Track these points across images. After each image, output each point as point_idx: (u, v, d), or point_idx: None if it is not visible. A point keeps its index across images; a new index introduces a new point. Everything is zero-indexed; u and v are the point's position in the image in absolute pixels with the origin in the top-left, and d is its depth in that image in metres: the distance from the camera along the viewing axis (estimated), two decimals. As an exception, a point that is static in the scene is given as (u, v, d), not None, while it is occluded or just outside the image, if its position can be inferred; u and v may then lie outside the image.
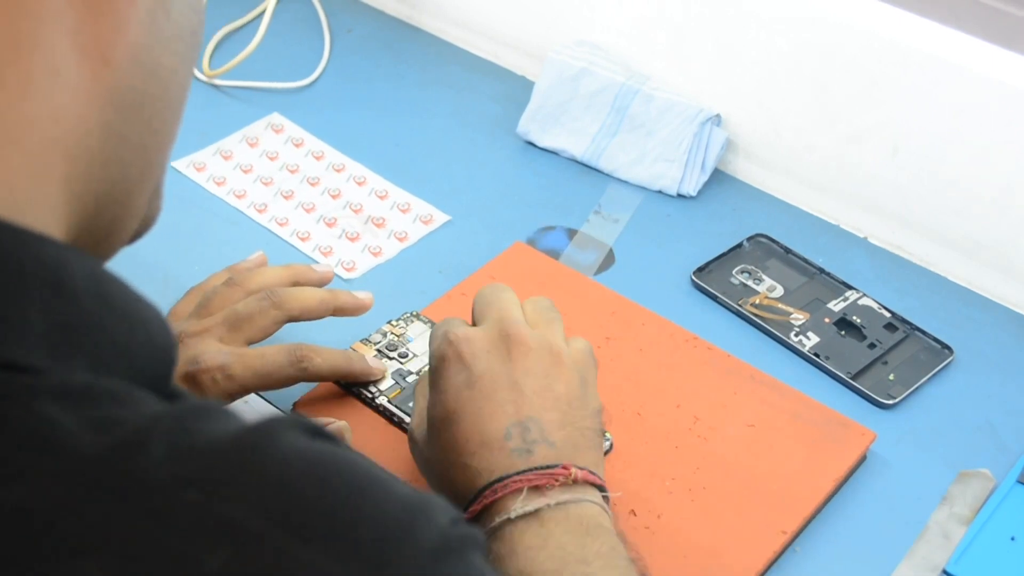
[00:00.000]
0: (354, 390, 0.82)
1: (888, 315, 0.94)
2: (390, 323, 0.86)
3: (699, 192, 1.05)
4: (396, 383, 0.82)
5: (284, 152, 1.06)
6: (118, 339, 0.39)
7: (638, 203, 1.04)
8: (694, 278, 0.96)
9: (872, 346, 0.91)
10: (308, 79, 1.14)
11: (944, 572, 0.76)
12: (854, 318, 0.93)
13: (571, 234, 1.00)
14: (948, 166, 0.97)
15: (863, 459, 0.83)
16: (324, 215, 1.00)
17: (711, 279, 0.96)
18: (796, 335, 0.91)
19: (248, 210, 1.00)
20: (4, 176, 0.38)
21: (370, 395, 0.81)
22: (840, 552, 0.78)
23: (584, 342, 0.71)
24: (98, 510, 0.33)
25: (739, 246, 0.99)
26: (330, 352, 0.79)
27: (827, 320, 0.93)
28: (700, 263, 0.97)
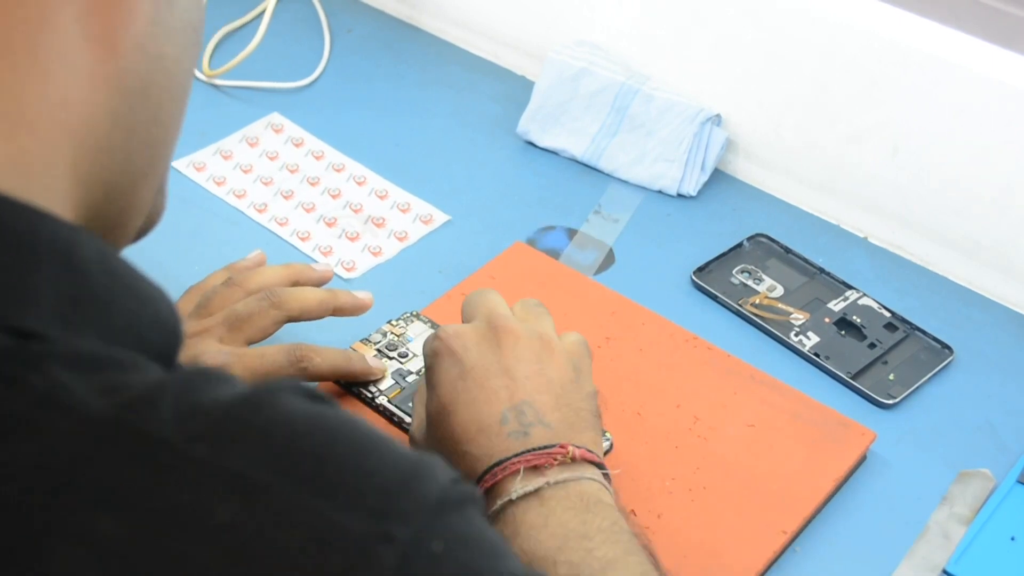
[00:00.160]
0: (354, 390, 0.82)
1: (888, 315, 0.94)
2: (390, 323, 0.86)
3: (699, 192, 1.05)
4: (396, 383, 0.82)
5: (284, 152, 1.06)
6: (126, 314, 0.40)
7: (638, 203, 1.04)
8: (694, 278, 0.96)
9: (872, 346, 0.91)
10: (308, 79, 1.14)
11: (944, 572, 0.76)
12: (854, 318, 0.93)
13: (571, 234, 1.00)
14: (948, 166, 0.97)
15: (863, 459, 0.83)
16: (324, 215, 1.00)
17: (711, 279, 0.96)
18: (796, 335, 0.91)
19: (248, 210, 1.00)
20: (19, 159, 0.39)
21: (370, 395, 0.81)
22: (840, 552, 0.78)
23: (577, 335, 0.72)
24: (110, 466, 0.35)
25: (739, 246, 0.99)
26: (330, 352, 0.79)
27: (827, 320, 0.93)
28: (700, 263, 0.97)
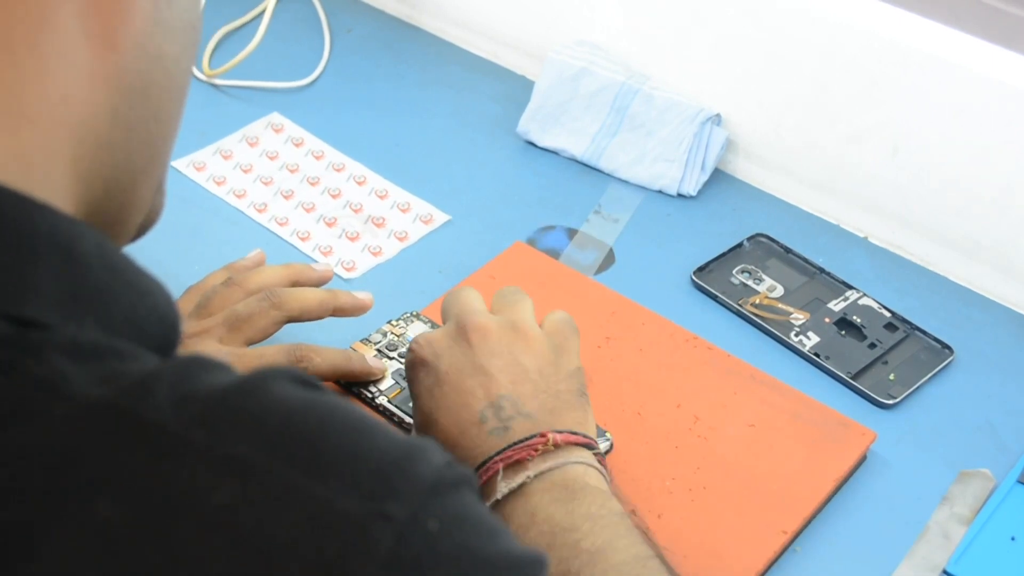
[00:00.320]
0: (354, 390, 0.82)
1: (888, 315, 0.94)
2: (390, 323, 0.86)
3: (699, 192, 1.05)
4: (396, 383, 0.82)
5: (284, 152, 1.06)
6: (126, 305, 0.41)
7: (638, 203, 1.04)
8: (694, 278, 0.96)
9: (872, 346, 0.91)
10: (308, 79, 1.14)
11: (944, 572, 0.76)
12: (854, 318, 0.93)
13: (571, 234, 1.00)
14: (948, 166, 0.96)
15: (863, 459, 0.83)
16: (324, 215, 1.00)
17: (711, 279, 0.96)
18: (796, 335, 0.91)
19: (248, 210, 1.00)
20: (20, 153, 0.39)
21: (370, 395, 0.81)
22: (840, 552, 0.78)
23: (562, 313, 0.72)
24: (109, 450, 0.35)
25: (739, 246, 0.99)
26: (330, 352, 0.79)
27: (827, 320, 0.93)
28: (700, 263, 0.97)
